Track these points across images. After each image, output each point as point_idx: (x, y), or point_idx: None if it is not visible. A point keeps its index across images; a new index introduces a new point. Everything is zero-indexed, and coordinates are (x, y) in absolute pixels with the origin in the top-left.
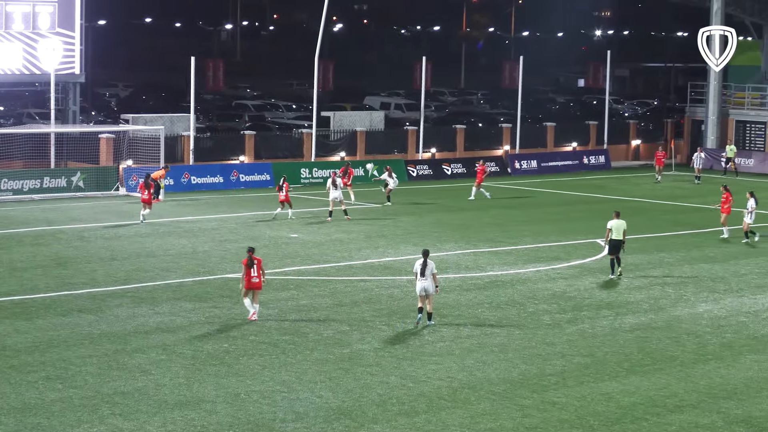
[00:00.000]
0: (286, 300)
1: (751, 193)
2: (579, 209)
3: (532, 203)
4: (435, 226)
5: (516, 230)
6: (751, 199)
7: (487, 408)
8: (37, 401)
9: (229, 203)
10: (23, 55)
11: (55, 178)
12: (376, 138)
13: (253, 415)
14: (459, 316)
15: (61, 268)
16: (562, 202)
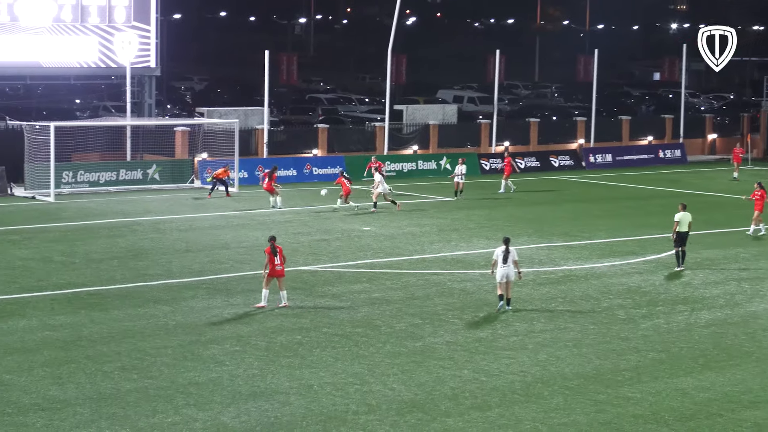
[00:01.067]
0: (358, 292)
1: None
2: (654, 204)
3: (606, 197)
4: (508, 219)
5: (590, 224)
6: None
7: (560, 403)
8: (112, 391)
9: (303, 196)
10: (99, 49)
11: (131, 171)
12: (448, 131)
13: (326, 406)
14: (533, 311)
15: (137, 260)
16: (637, 196)
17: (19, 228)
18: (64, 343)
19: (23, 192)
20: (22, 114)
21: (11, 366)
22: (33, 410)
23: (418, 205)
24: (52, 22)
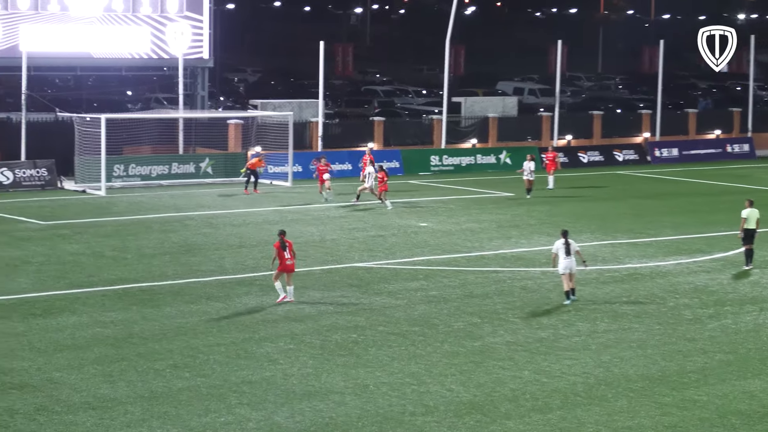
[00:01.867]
0: (415, 290)
1: None
2: (722, 200)
3: (672, 193)
4: (570, 216)
5: (656, 221)
6: None
7: (624, 405)
8: (164, 390)
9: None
10: (151, 39)
11: (183, 164)
12: (508, 124)
13: (382, 407)
14: (596, 310)
15: (189, 255)
16: (704, 192)
17: (69, 222)
18: (115, 340)
19: (73, 185)
20: (72, 106)
21: (61, 363)
22: (83, 409)
23: (476, 200)
24: (102, 11)
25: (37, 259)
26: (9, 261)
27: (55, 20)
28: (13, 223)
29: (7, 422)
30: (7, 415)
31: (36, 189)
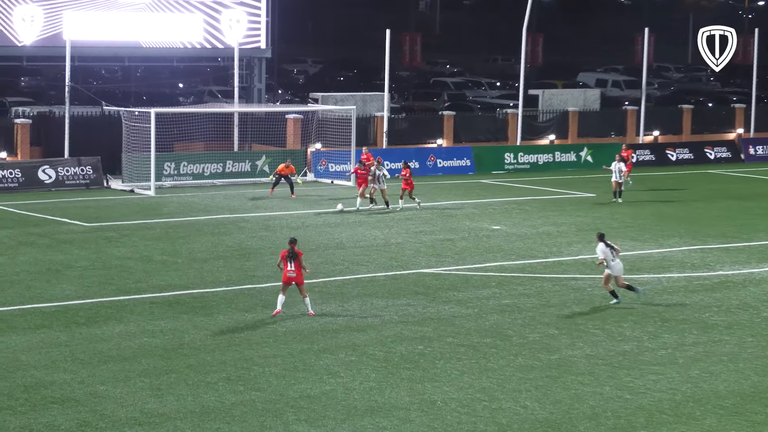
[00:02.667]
0: (487, 299)
1: None
2: None
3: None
4: (656, 218)
5: (750, 224)
6: None
7: (713, 424)
8: (216, 404)
9: (426, 191)
10: (204, 27)
11: (238, 162)
12: (590, 119)
13: (451, 424)
14: (683, 321)
15: (244, 260)
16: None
17: (115, 224)
18: (164, 351)
19: (120, 185)
20: (119, 99)
21: (106, 375)
22: (129, 424)
23: (554, 201)
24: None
25: (81, 264)
26: (51, 265)
27: (102, 7)
28: (56, 224)
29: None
30: (47, 431)
31: (80, 188)
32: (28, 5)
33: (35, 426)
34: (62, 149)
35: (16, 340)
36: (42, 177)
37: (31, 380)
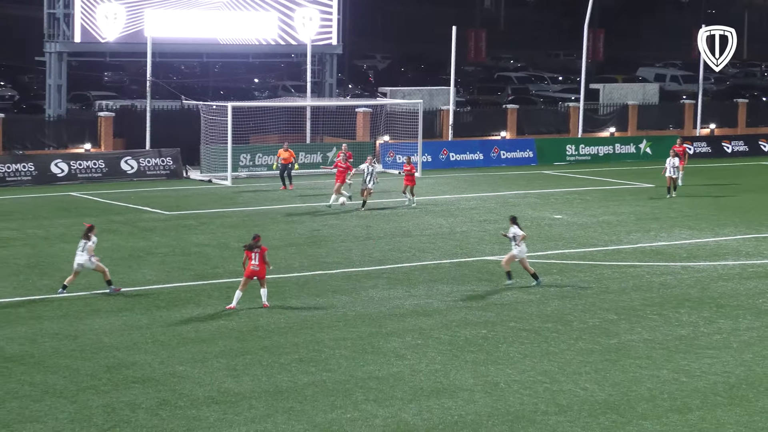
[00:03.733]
0: (548, 285)
1: None
2: None
3: None
4: (713, 208)
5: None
6: None
7: (766, 406)
8: (289, 384)
9: (490, 181)
10: (279, 25)
11: (311, 154)
12: (649, 112)
13: (513, 405)
14: (738, 307)
15: (316, 247)
16: None
17: (194, 213)
18: (240, 334)
19: (199, 175)
20: (198, 93)
21: (185, 357)
22: (206, 403)
23: (614, 192)
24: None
25: (161, 250)
26: (133, 252)
27: (181, 5)
28: (138, 213)
29: (130, 417)
30: (129, 409)
31: (161, 178)
32: (111, 3)
33: (117, 404)
34: (143, 141)
35: (100, 323)
36: (124, 167)
37: (114, 361)
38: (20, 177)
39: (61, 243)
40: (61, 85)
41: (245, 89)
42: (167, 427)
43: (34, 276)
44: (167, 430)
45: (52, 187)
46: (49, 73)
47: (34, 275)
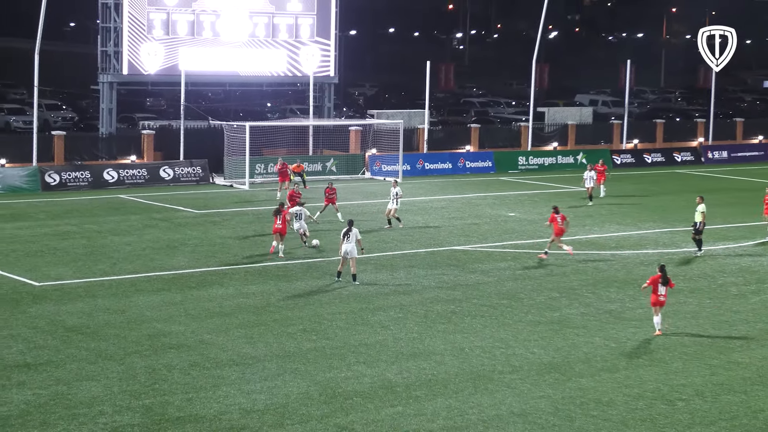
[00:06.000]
0: (504, 269)
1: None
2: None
3: (722, 188)
4: (636, 207)
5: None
6: None
7: (679, 366)
8: (295, 350)
9: (457, 186)
10: (287, 60)
11: (312, 163)
12: (585, 130)
13: (476, 366)
14: None
15: (316, 239)
16: (750, 188)
17: (219, 211)
18: (256, 309)
19: (222, 181)
20: (222, 115)
21: (211, 327)
22: (228, 365)
23: (556, 194)
24: (248, 37)
25: (192, 241)
26: (169, 243)
27: (209, 44)
28: (173, 211)
29: (166, 376)
30: (166, 370)
31: (192, 183)
32: (152, 42)
33: (156, 366)
34: (178, 153)
35: (143, 300)
36: (162, 175)
37: (154, 331)
38: (78, 182)
39: (111, 236)
40: (111, 108)
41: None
42: (197, 384)
43: (90, 262)
44: (197, 387)
45: (104, 191)
46: (102, 99)
47: (90, 262)
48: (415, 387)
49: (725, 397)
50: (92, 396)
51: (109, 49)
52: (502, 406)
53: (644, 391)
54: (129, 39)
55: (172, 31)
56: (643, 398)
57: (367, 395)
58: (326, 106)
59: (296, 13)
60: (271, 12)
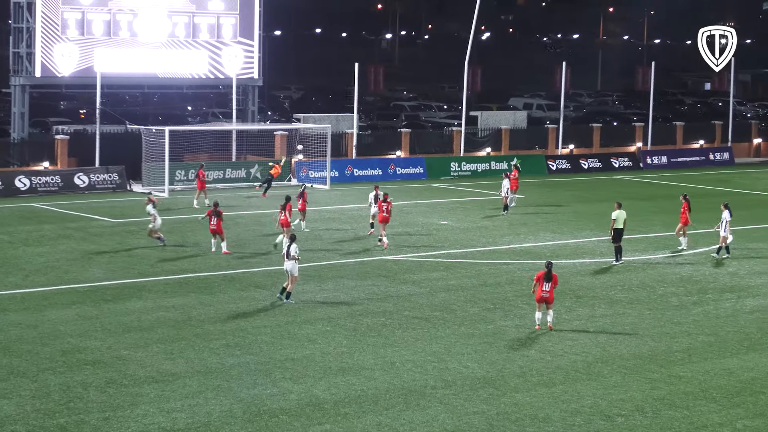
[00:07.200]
0: (436, 280)
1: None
2: (705, 201)
3: (662, 195)
4: (572, 215)
5: (647, 220)
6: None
7: (618, 380)
8: (218, 366)
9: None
10: (209, 61)
11: (235, 170)
12: (519, 135)
13: (407, 381)
14: (594, 297)
15: (241, 248)
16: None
17: (137, 220)
18: (176, 323)
19: (141, 188)
20: (140, 119)
21: (129, 342)
22: (147, 382)
23: (490, 201)
24: (167, 37)
25: (108, 252)
26: (84, 254)
27: (126, 45)
28: (88, 220)
29: (82, 394)
30: (81, 387)
31: (108, 191)
32: (66, 43)
33: (71, 383)
34: (94, 160)
35: (56, 314)
36: (77, 182)
37: (68, 346)
38: None
39: (23, 246)
40: (24, 112)
41: (180, 115)
42: (114, 402)
43: (0, 274)
44: (114, 405)
45: (16, 199)
46: (13, 103)
47: (0, 274)
48: (344, 404)
49: (666, 413)
50: (4, 415)
51: (21, 50)
52: (434, 422)
53: (582, 406)
54: (42, 40)
55: (88, 31)
56: (581, 414)
57: (294, 413)
58: (250, 110)
59: (218, 13)
60: (191, 11)
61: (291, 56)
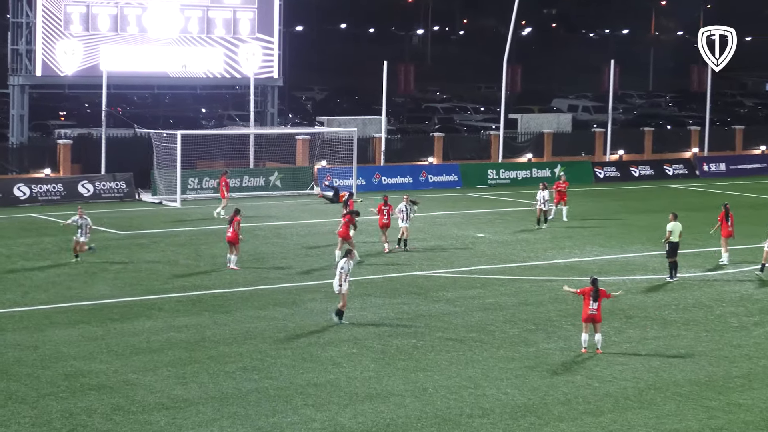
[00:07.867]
0: (472, 298)
1: None
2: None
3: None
4: (621, 227)
5: (704, 233)
6: None
7: (672, 409)
8: (234, 391)
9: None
10: (224, 59)
11: (253, 178)
12: (563, 139)
13: (441, 409)
14: (646, 318)
15: (258, 263)
16: (749, 205)
17: (146, 232)
18: (188, 344)
19: (150, 198)
20: (149, 122)
21: (137, 366)
22: (157, 409)
23: (531, 212)
24: (179, 33)
25: (115, 267)
26: (89, 268)
27: (134, 41)
28: (93, 232)
29: (86, 421)
30: (85, 414)
31: (115, 201)
32: (69, 40)
33: (74, 410)
34: (99, 166)
35: (58, 334)
36: (81, 191)
37: (71, 369)
38: None
39: (22, 261)
40: (23, 115)
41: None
42: (121, 430)
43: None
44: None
45: (14, 209)
46: (12, 104)
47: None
48: None
49: None
50: None
51: (20, 47)
52: None
53: None
54: (43, 36)
55: (93, 26)
56: None
57: None
58: (269, 112)
59: (234, 7)
60: (205, 5)
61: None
